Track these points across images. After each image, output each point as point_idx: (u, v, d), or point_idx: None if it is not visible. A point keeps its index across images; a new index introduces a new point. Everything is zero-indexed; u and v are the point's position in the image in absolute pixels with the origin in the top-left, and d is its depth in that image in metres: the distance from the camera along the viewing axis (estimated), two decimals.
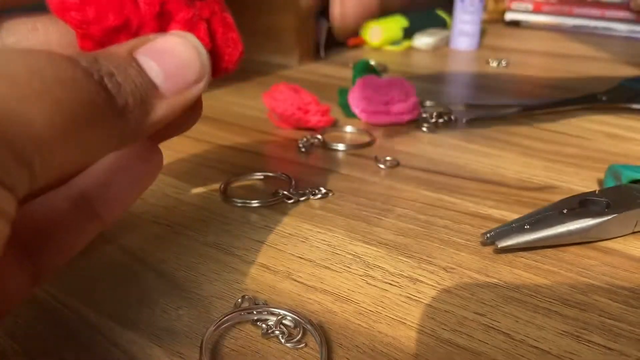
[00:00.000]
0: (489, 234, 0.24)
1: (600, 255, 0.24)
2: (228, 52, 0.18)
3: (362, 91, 0.41)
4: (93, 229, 0.19)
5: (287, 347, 0.18)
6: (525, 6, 0.90)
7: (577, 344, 0.18)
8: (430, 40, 0.72)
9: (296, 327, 0.19)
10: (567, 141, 0.38)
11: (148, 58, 0.16)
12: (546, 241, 0.23)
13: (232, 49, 0.19)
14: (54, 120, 0.13)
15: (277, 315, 0.19)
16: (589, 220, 0.23)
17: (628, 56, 0.69)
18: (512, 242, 0.23)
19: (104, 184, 0.19)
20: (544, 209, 0.25)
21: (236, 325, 0.19)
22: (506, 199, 0.29)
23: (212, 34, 0.18)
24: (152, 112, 0.16)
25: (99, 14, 0.16)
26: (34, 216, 0.18)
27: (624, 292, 0.21)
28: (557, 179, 0.31)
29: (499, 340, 0.18)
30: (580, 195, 0.25)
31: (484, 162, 0.34)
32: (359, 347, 0.18)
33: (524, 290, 0.21)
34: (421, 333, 0.19)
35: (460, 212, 0.27)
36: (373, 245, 0.24)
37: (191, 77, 0.17)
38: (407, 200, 0.29)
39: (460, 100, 0.49)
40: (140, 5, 0.16)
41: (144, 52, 0.16)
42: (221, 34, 0.18)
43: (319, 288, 0.21)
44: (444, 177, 0.32)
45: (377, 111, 0.40)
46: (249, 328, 0.19)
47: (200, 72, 0.17)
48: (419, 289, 0.21)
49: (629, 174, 0.27)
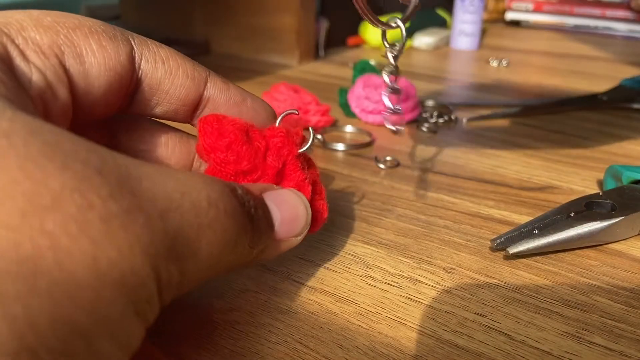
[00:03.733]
0: (499, 240, 0.24)
1: (601, 256, 0.24)
2: (315, 217, 0.21)
3: (362, 91, 0.41)
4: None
5: (288, 347, 0.18)
6: (525, 6, 0.90)
7: (578, 344, 0.18)
8: (430, 39, 0.72)
9: None
10: (567, 141, 0.38)
11: (273, 203, 0.18)
12: (556, 246, 0.23)
13: (319, 214, 0.21)
14: (214, 249, 0.14)
15: None
16: (597, 224, 0.23)
17: (628, 56, 0.69)
18: (523, 247, 0.23)
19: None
20: (551, 212, 0.25)
21: (235, 326, 0.19)
22: (506, 199, 0.29)
23: (311, 201, 0.21)
24: (265, 250, 0.18)
25: (237, 159, 0.19)
26: None
27: (625, 292, 0.21)
28: (557, 179, 0.31)
29: (500, 341, 0.18)
30: (585, 198, 0.25)
31: (484, 162, 0.34)
32: (359, 348, 0.18)
33: (524, 291, 0.21)
34: (421, 334, 0.19)
35: (461, 212, 0.27)
36: (373, 245, 0.24)
37: (297, 229, 0.19)
38: (407, 200, 0.29)
39: (461, 100, 0.49)
40: (268, 160, 0.20)
41: (270, 197, 0.18)
42: (315, 200, 0.21)
43: (319, 288, 0.21)
44: (444, 177, 0.32)
45: (377, 111, 0.40)
46: (249, 328, 0.19)
47: (303, 228, 0.19)
48: (419, 289, 0.21)
49: (630, 175, 0.27)
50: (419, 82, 0.53)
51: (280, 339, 0.19)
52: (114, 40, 0.17)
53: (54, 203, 0.10)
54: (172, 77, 0.19)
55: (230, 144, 0.19)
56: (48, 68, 0.15)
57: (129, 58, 0.18)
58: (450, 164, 0.34)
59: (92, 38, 0.17)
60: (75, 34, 0.16)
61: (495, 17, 0.98)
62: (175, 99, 0.20)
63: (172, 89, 0.19)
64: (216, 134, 0.19)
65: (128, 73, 0.18)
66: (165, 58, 0.19)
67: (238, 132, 0.19)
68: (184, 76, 0.19)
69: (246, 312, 0.20)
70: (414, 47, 0.73)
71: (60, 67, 0.16)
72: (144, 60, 0.18)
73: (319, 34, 0.66)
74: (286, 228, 0.18)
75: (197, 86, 0.20)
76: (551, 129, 0.40)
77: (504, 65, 0.63)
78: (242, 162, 0.19)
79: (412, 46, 0.73)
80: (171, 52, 0.19)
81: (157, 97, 0.19)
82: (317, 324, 0.19)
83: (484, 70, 0.62)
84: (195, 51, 0.66)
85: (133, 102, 0.19)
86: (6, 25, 0.15)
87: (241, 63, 0.62)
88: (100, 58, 0.17)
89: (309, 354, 0.18)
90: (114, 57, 0.17)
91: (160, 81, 0.19)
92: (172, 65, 0.19)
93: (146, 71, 0.19)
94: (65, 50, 0.16)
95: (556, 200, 0.28)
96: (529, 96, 0.50)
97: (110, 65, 0.17)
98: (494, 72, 0.60)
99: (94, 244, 0.11)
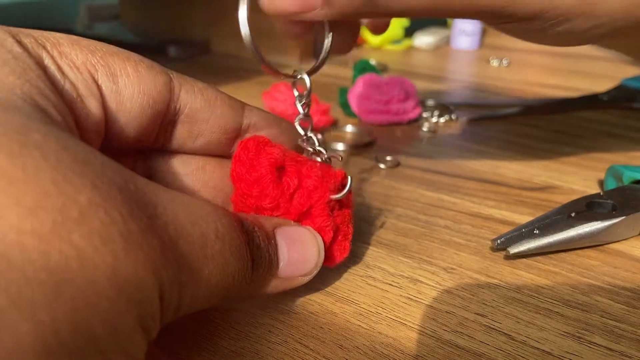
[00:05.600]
0: (500, 239, 0.24)
1: (602, 256, 0.23)
2: (334, 256, 0.21)
3: (362, 90, 0.41)
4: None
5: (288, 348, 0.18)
6: None
7: (578, 345, 0.18)
8: (430, 39, 0.72)
9: None
10: (567, 141, 0.38)
11: (283, 241, 0.18)
12: (557, 246, 0.23)
13: (339, 254, 0.21)
14: (212, 281, 0.15)
15: None
16: (598, 224, 0.23)
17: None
18: (524, 248, 0.23)
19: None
20: (552, 212, 0.25)
21: (234, 326, 0.19)
22: (507, 199, 0.29)
23: (332, 240, 0.20)
24: (264, 286, 0.18)
25: (260, 195, 0.19)
26: None
27: (626, 292, 0.21)
28: (557, 179, 0.31)
29: (500, 341, 0.18)
30: (586, 198, 0.25)
31: (485, 162, 0.34)
32: (359, 348, 0.18)
33: (525, 291, 0.21)
34: (422, 334, 0.19)
35: (461, 212, 0.27)
36: (373, 245, 0.24)
37: (304, 270, 0.19)
38: (408, 200, 0.29)
39: (461, 100, 0.49)
40: (294, 200, 0.19)
41: (281, 234, 0.18)
42: (338, 241, 0.21)
43: (319, 289, 0.21)
44: (445, 177, 0.32)
45: (378, 111, 0.40)
46: (249, 328, 0.19)
47: (312, 269, 0.19)
48: (419, 289, 0.21)
49: (630, 175, 0.26)
50: (419, 82, 0.53)
51: (280, 339, 0.18)
52: (151, 69, 0.18)
53: (81, 217, 0.11)
54: (211, 106, 0.19)
55: (259, 179, 0.19)
56: (80, 81, 0.16)
57: (167, 86, 0.18)
58: (451, 163, 0.34)
59: (128, 63, 0.17)
60: (112, 57, 0.17)
61: None
62: (216, 127, 0.20)
63: (213, 118, 0.20)
64: (248, 165, 0.19)
65: (164, 100, 0.18)
66: (203, 89, 0.19)
67: (270, 167, 0.19)
68: (222, 105, 0.20)
69: (246, 312, 0.20)
70: (414, 46, 0.73)
71: (93, 82, 0.16)
72: (183, 90, 0.19)
73: None
74: (292, 268, 0.18)
75: (236, 114, 0.20)
76: (551, 129, 0.40)
77: (505, 65, 0.63)
78: (265, 199, 0.19)
79: (412, 46, 0.73)
80: (208, 85, 0.20)
81: (197, 127, 0.20)
82: (317, 324, 0.19)
83: (485, 70, 0.61)
84: (195, 51, 0.66)
85: (174, 134, 0.20)
86: (43, 39, 0.15)
87: (241, 63, 0.62)
88: (135, 81, 0.17)
89: (309, 354, 0.18)
90: (150, 82, 0.17)
91: (200, 110, 0.19)
92: (210, 95, 0.19)
93: (186, 101, 0.19)
94: (99, 69, 0.16)
95: (557, 200, 0.28)
96: (529, 96, 0.50)
97: (144, 90, 0.17)
98: (494, 72, 0.60)
99: (114, 257, 0.11)
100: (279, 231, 0.18)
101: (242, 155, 0.19)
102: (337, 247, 0.21)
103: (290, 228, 0.19)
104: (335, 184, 0.20)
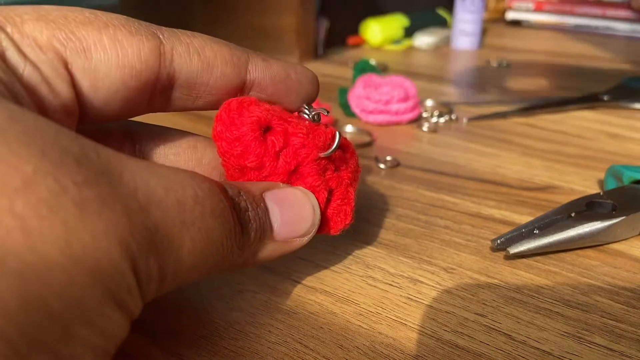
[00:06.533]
0: (499, 240, 0.24)
1: (602, 256, 0.23)
2: (335, 221, 0.20)
3: (362, 90, 0.41)
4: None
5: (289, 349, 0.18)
6: (526, 5, 0.90)
7: (578, 345, 0.18)
8: (430, 39, 0.72)
9: None
10: (567, 141, 0.38)
11: (273, 203, 0.17)
12: (557, 246, 0.23)
13: (341, 219, 0.20)
14: (196, 248, 0.14)
15: None
16: (598, 224, 0.23)
17: (629, 55, 0.69)
18: (524, 248, 0.23)
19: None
20: (552, 212, 0.25)
21: (234, 326, 0.19)
22: (507, 199, 0.29)
23: (330, 202, 0.20)
24: (261, 251, 0.17)
25: (242, 153, 0.18)
26: None
27: (626, 292, 0.21)
28: (557, 179, 0.31)
29: (500, 341, 0.18)
30: (586, 198, 0.25)
31: (485, 162, 0.34)
32: (359, 349, 0.18)
33: (525, 291, 0.21)
34: (422, 334, 0.19)
35: (461, 212, 0.27)
36: (373, 245, 0.24)
37: (301, 230, 0.18)
38: (408, 200, 0.29)
39: (461, 100, 0.49)
40: (280, 159, 0.19)
41: (271, 197, 0.17)
42: (337, 205, 0.20)
43: (319, 289, 0.21)
44: (445, 177, 0.32)
45: (377, 111, 0.40)
46: (249, 328, 0.19)
47: (308, 229, 0.18)
48: (419, 289, 0.21)
49: (630, 175, 0.26)
50: (419, 82, 0.53)
51: (280, 339, 0.18)
52: (135, 35, 0.16)
53: (24, 185, 0.10)
54: (210, 68, 0.18)
55: (240, 137, 0.18)
56: (44, 62, 0.15)
57: (154, 53, 0.16)
58: (451, 163, 0.34)
59: (105, 33, 0.16)
60: (85, 29, 0.15)
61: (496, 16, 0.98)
62: (216, 89, 0.18)
63: (212, 80, 0.18)
64: (229, 123, 0.18)
65: (152, 69, 0.17)
66: (200, 48, 0.18)
67: (251, 125, 0.18)
68: (222, 65, 0.18)
69: (246, 312, 0.20)
70: (414, 46, 0.73)
71: (60, 62, 0.15)
72: (176, 54, 0.17)
73: (319, 34, 0.66)
74: (288, 229, 0.18)
75: (238, 72, 0.19)
76: (551, 128, 0.40)
77: (505, 65, 0.63)
78: (248, 157, 0.18)
79: (412, 46, 0.73)
80: (206, 40, 0.18)
81: (196, 91, 0.18)
82: (317, 324, 0.19)
83: (485, 70, 0.61)
84: None
85: (171, 99, 0.18)
86: (3, 19, 0.14)
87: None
88: (112, 54, 0.16)
89: (309, 354, 0.18)
90: (132, 53, 0.16)
91: (197, 74, 0.18)
92: (209, 55, 0.18)
93: (180, 66, 0.17)
94: (68, 45, 0.15)
95: (557, 200, 0.28)
96: (529, 96, 0.50)
97: (125, 62, 0.16)
98: (494, 72, 0.60)
99: (66, 227, 0.10)
100: (267, 194, 0.17)
101: (223, 114, 0.18)
102: (336, 212, 0.20)
103: (279, 190, 0.18)
104: (324, 142, 0.19)
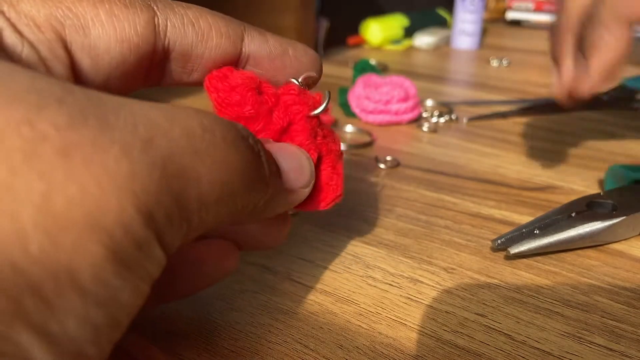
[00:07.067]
0: (500, 240, 0.24)
1: (602, 256, 0.23)
2: (325, 191, 0.20)
3: (362, 91, 0.41)
4: (151, 305, 0.18)
5: (288, 347, 0.18)
6: (526, 5, 0.90)
7: (578, 345, 0.18)
8: (430, 39, 0.72)
9: None
10: (567, 141, 0.38)
11: (274, 152, 0.17)
12: (558, 246, 0.23)
13: (332, 189, 0.20)
14: (218, 178, 0.13)
15: None
16: (598, 224, 0.23)
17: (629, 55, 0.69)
18: (524, 248, 0.23)
19: (170, 272, 0.16)
20: (552, 212, 0.25)
21: (234, 326, 0.19)
22: (507, 199, 0.29)
23: (319, 170, 0.20)
24: (277, 197, 0.16)
25: (240, 101, 0.18)
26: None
27: (626, 292, 0.21)
28: (557, 179, 0.31)
29: (500, 341, 0.18)
30: (586, 198, 0.25)
31: (485, 162, 0.34)
32: (359, 349, 0.18)
33: (525, 291, 0.21)
34: (422, 334, 0.19)
35: (461, 212, 0.27)
36: (373, 245, 0.24)
37: (302, 180, 0.18)
38: (408, 200, 0.29)
39: (461, 100, 0.49)
40: (274, 115, 0.19)
41: (271, 147, 0.17)
42: (326, 174, 0.20)
43: (319, 289, 0.21)
44: (445, 177, 0.32)
45: (377, 111, 0.40)
46: (249, 328, 0.19)
47: (308, 180, 0.18)
48: (419, 289, 0.21)
49: (630, 175, 0.26)
50: (419, 82, 0.53)
51: (280, 339, 0.18)
52: (130, 8, 0.16)
53: None
54: (205, 39, 0.18)
55: (236, 87, 0.18)
56: (42, 42, 0.14)
57: (150, 26, 0.16)
58: (451, 163, 0.34)
59: (101, 8, 0.15)
60: (81, 5, 0.15)
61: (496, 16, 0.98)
62: (211, 62, 0.18)
63: (207, 52, 0.18)
64: (222, 77, 0.18)
65: (148, 41, 0.16)
66: (194, 20, 0.17)
67: (246, 79, 0.18)
68: (217, 36, 0.18)
69: (246, 312, 0.20)
70: (414, 46, 0.73)
71: (59, 41, 0.15)
72: (170, 25, 0.17)
73: (319, 34, 0.66)
74: (293, 176, 0.17)
75: (233, 45, 0.18)
76: (552, 129, 0.40)
77: (505, 65, 0.63)
78: (245, 105, 0.18)
79: (412, 46, 0.73)
80: (201, 11, 0.18)
81: (191, 64, 0.18)
82: (317, 324, 0.19)
83: (485, 70, 0.61)
84: None
85: (166, 72, 0.18)
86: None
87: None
88: (110, 29, 0.15)
89: (309, 354, 0.18)
90: (128, 26, 0.16)
91: (192, 46, 0.17)
92: (204, 26, 0.17)
93: (175, 38, 0.17)
94: (67, 22, 0.15)
95: (557, 200, 0.28)
96: (529, 96, 0.50)
97: (123, 36, 0.16)
98: (494, 72, 0.60)
99: (43, 179, 0.09)
100: (266, 145, 0.17)
101: (215, 72, 0.18)
102: (327, 180, 0.20)
103: (274, 143, 0.18)
104: (314, 103, 0.20)
